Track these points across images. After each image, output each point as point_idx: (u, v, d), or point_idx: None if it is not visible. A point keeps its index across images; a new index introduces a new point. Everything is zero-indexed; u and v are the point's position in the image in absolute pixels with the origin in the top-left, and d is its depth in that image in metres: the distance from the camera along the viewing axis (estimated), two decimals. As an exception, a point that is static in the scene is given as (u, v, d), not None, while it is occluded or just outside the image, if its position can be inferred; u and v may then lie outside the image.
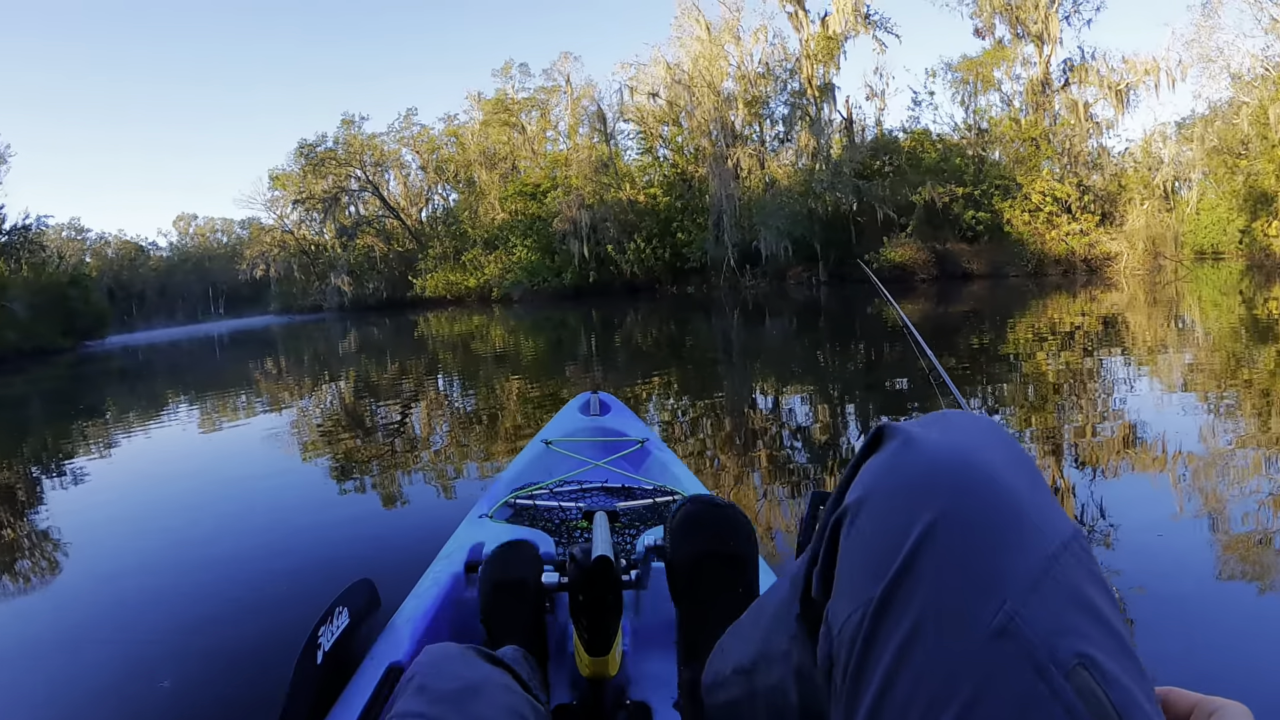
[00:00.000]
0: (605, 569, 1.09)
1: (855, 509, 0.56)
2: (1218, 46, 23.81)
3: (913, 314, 14.82)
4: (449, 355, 13.04)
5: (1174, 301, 15.16)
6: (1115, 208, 24.11)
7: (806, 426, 5.10)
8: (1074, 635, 0.46)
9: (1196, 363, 7.12)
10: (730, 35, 28.14)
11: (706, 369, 8.56)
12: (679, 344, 11.88)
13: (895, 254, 23.98)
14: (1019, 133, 24.97)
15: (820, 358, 9.11)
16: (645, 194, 27.55)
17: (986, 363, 7.70)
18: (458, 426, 5.98)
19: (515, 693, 0.89)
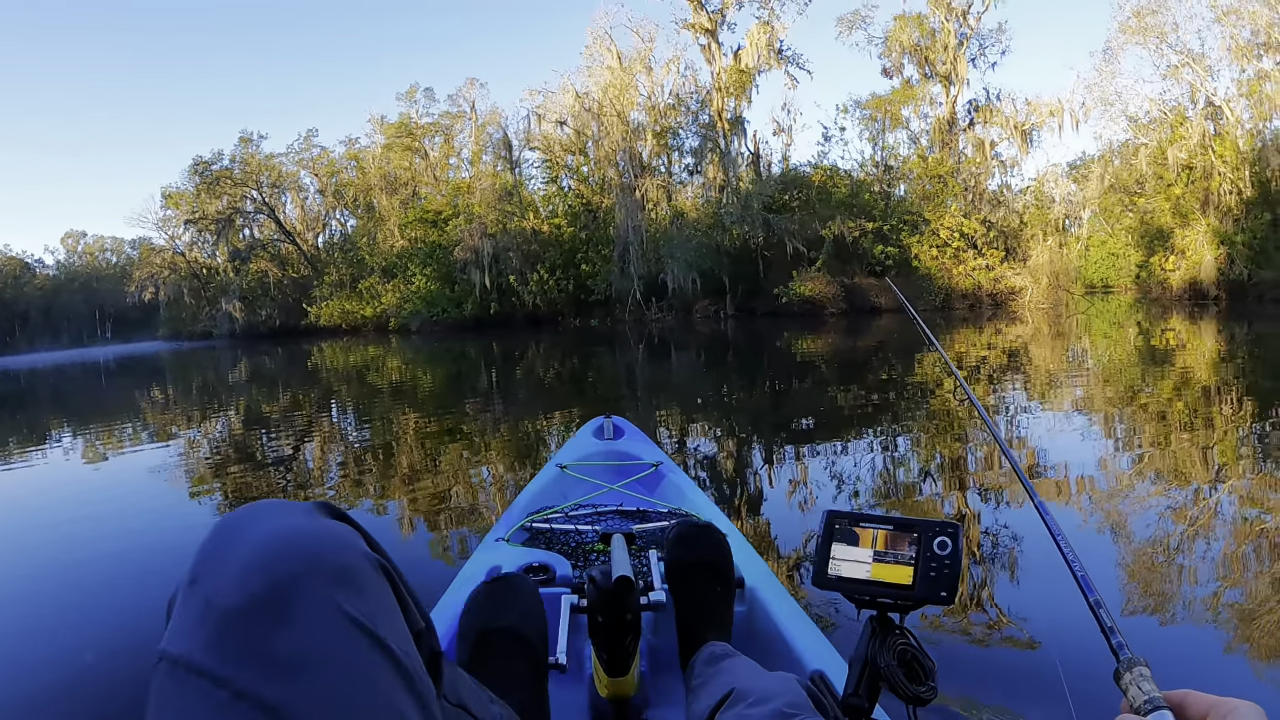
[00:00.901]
0: (626, 590, 1.12)
1: None
2: (1116, 91, 24.45)
3: (823, 348, 15.01)
4: (344, 387, 12.37)
5: (1076, 334, 15.72)
6: (1019, 243, 24.29)
7: (712, 457, 5.05)
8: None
9: (1097, 392, 7.51)
10: (642, 65, 27.60)
11: (610, 405, 8.23)
12: (582, 379, 11.62)
13: (805, 287, 23.53)
14: (926, 170, 25.03)
15: (728, 393, 8.99)
16: (549, 224, 26.58)
17: (896, 395, 7.86)
18: (352, 461, 5.71)
19: (351, 574, 0.55)
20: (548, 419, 7.37)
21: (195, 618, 0.51)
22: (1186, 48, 24.04)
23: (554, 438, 6.27)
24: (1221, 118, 23.71)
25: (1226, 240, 23.36)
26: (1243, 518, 3.37)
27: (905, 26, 26.08)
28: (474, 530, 3.66)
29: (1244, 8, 23.44)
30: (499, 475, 4.98)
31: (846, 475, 4.52)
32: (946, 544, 0.94)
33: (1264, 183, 23.54)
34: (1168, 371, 8.85)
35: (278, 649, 0.49)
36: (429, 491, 4.57)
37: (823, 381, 9.58)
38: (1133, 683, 0.65)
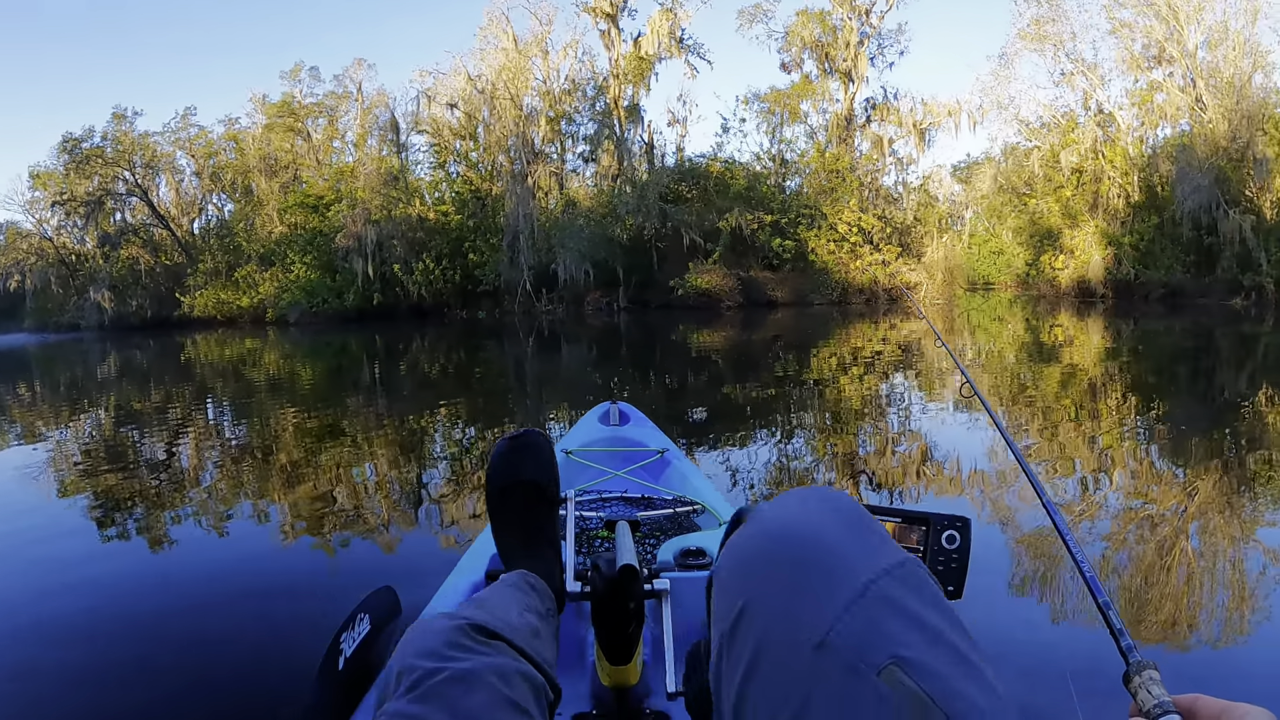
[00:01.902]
0: (630, 578, 1.10)
1: (715, 577, 0.75)
2: (1010, 95, 24.79)
3: (719, 341, 14.99)
4: (219, 383, 11.56)
5: (970, 328, 16.32)
6: (914, 240, 24.21)
7: None
8: (888, 641, 0.57)
9: (987, 383, 7.75)
10: (539, 49, 26.53)
11: (497, 399, 8.33)
12: (468, 372, 11.38)
13: (701, 280, 22.87)
14: (824, 165, 24.74)
15: (619, 386, 8.83)
16: (436, 211, 25.21)
17: (791, 388, 7.90)
18: (230, 463, 5.40)
19: (512, 678, 0.84)
20: (432, 415, 7.20)
21: (403, 686, 0.79)
22: (1081, 57, 24.76)
23: (439, 434, 6.23)
24: (1112, 125, 24.30)
25: (1114, 241, 23.78)
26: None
27: (807, 22, 25.79)
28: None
29: (1138, 22, 24.17)
30: (383, 473, 4.83)
31: (748, 467, 4.52)
32: (955, 538, 0.93)
33: (1151, 187, 24.16)
34: (1076, 364, 9.34)
35: (465, 705, 0.77)
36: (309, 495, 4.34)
37: (718, 375, 9.57)
38: (1142, 686, 0.64)
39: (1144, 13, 23.58)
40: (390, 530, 3.69)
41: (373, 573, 3.04)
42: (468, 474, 4.68)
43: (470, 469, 4.82)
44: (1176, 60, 23.85)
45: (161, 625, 2.62)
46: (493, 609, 0.98)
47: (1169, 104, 23.72)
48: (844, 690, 0.55)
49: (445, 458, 5.36)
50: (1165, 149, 24.13)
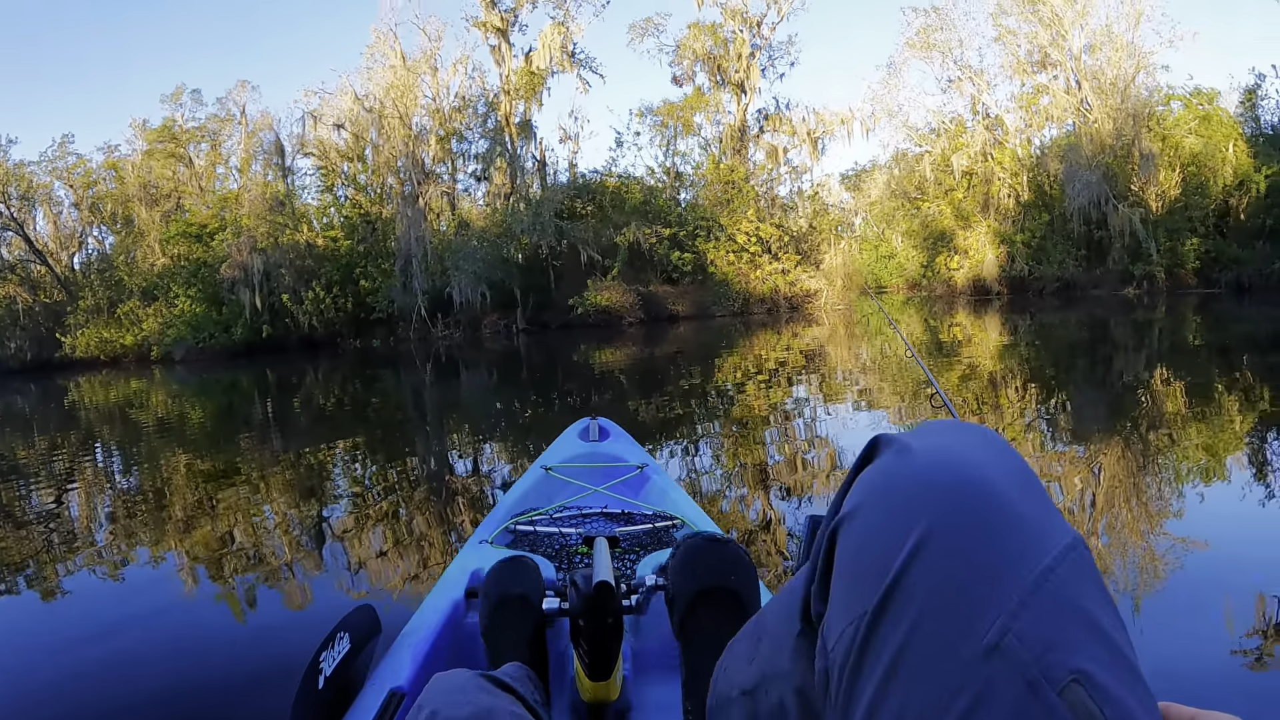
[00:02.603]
0: (607, 595, 1.11)
1: (849, 521, 0.56)
2: (899, 103, 25.09)
3: (622, 359, 14.76)
4: (106, 428, 10.96)
5: (871, 332, 16.75)
6: (811, 247, 24.21)
7: (512, 483, 4.51)
8: (1069, 650, 0.47)
9: (891, 385, 8.03)
10: (427, 66, 25.83)
11: (396, 430, 8.17)
12: (365, 405, 11.08)
13: (600, 297, 22.43)
14: (719, 176, 24.59)
15: (521, 410, 8.89)
16: (325, 237, 24.29)
17: (697, 401, 7.93)
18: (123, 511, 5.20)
19: (523, 718, 0.89)
20: (330, 450, 6.99)
21: None
22: (968, 63, 25.25)
23: (338, 470, 6.08)
24: (1000, 128, 24.82)
25: (1007, 240, 24.18)
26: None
27: (699, 35, 25.66)
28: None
29: (1022, 28, 24.73)
30: (283, 514, 4.68)
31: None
32: None
33: (1041, 186, 24.67)
34: (984, 359, 9.70)
35: None
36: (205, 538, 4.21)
37: (623, 392, 9.54)
38: None
39: (1029, 19, 24.14)
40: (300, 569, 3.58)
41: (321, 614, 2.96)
42: (368, 509, 4.62)
43: (373, 501, 4.80)
44: (1061, 64, 24.45)
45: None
46: (505, 672, 1.02)
47: (1055, 106, 24.31)
48: (1019, 708, 0.45)
49: (347, 495, 5.21)
50: (1053, 149, 24.69)
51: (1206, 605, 2.55)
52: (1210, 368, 9.16)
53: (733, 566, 1.22)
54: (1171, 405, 6.38)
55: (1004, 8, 24.47)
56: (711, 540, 1.25)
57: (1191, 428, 5.39)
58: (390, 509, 4.56)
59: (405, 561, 3.59)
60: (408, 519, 4.34)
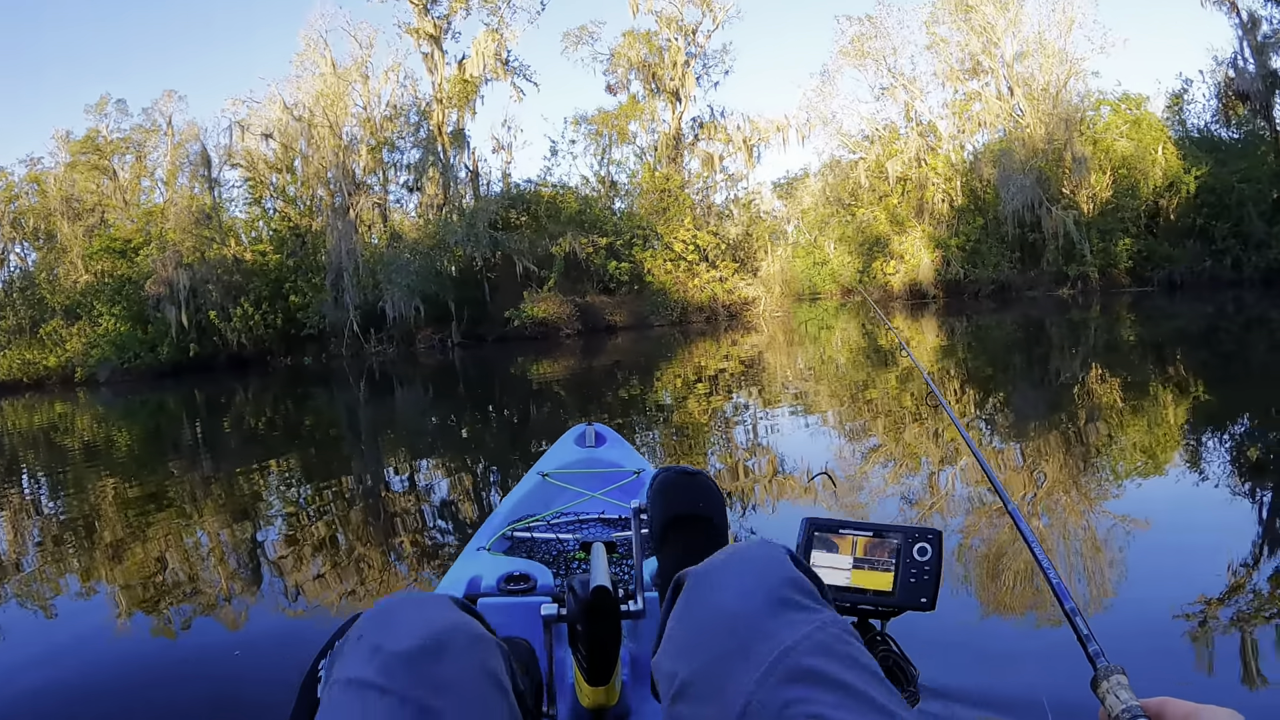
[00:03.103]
0: (604, 599, 1.11)
1: (657, 654, 0.83)
2: (832, 111, 25.28)
3: (560, 371, 14.69)
4: (31, 455, 10.58)
5: (810, 337, 17.09)
6: (748, 255, 24.14)
7: (452, 501, 4.91)
8: (804, 704, 0.64)
9: (832, 391, 8.28)
10: (358, 73, 25.32)
11: (331, 449, 8.07)
12: (297, 424, 10.95)
13: (537, 309, 22.09)
14: (655, 184, 24.41)
15: (459, 425, 8.81)
16: (253, 251, 23.66)
17: (637, 412, 7.99)
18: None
19: (488, 644, 0.80)
20: (262, 471, 6.93)
21: (365, 657, 0.70)
22: (901, 71, 25.47)
23: (274, 493, 5.97)
24: (932, 134, 25.07)
25: (942, 244, 24.38)
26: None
27: (634, 43, 25.52)
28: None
29: (953, 37, 25.04)
30: (218, 541, 4.54)
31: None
32: (927, 550, 0.95)
33: (975, 191, 24.90)
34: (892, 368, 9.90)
35: (435, 673, 0.69)
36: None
37: (563, 406, 9.55)
38: (1110, 691, 0.65)
39: (961, 28, 24.39)
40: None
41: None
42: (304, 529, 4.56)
43: (307, 523, 4.74)
44: (993, 71, 24.75)
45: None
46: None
47: (987, 112, 24.64)
48: None
49: (281, 517, 5.12)
50: (986, 154, 24.98)
51: (1147, 578, 2.76)
52: (1144, 362, 9.61)
53: (702, 494, 1.33)
54: (1107, 399, 6.71)
55: (937, 16, 24.77)
56: (683, 472, 1.35)
57: (1127, 419, 5.76)
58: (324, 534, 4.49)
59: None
60: (344, 545, 4.24)
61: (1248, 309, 16.94)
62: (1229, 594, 2.58)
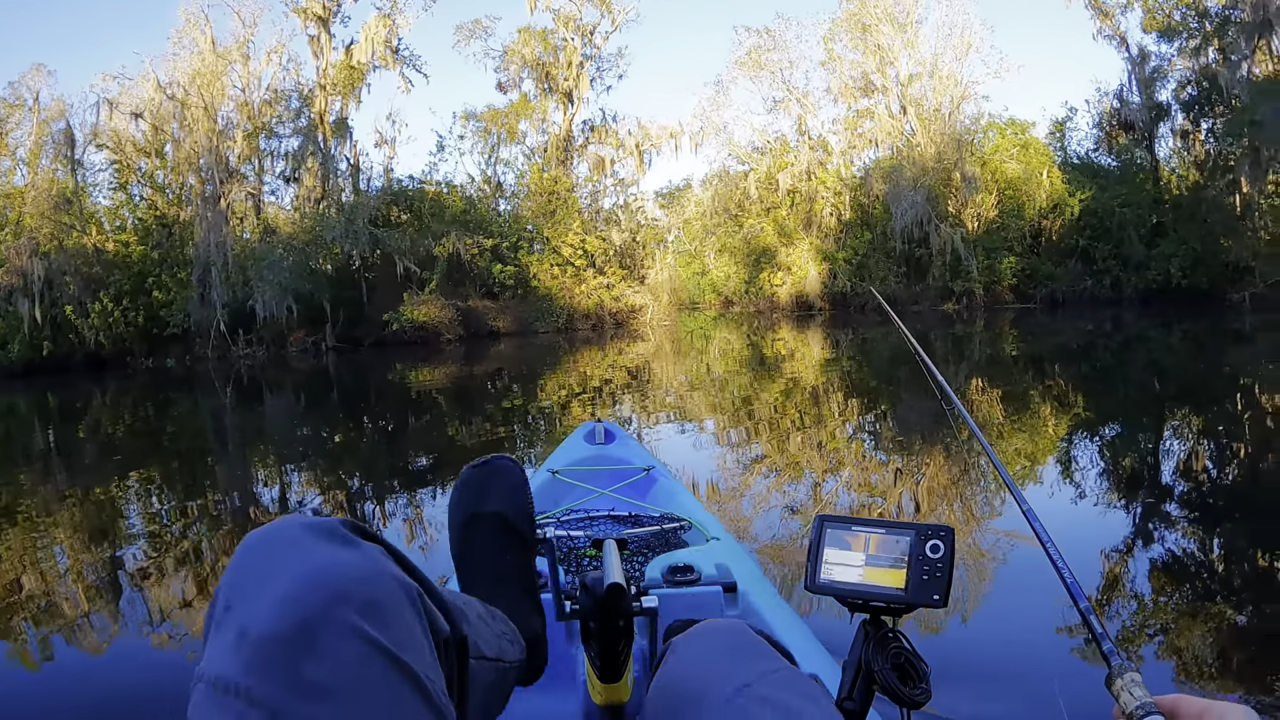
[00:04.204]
0: (618, 596, 1.11)
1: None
2: (724, 121, 25.56)
3: (440, 378, 14.30)
4: None
5: (697, 347, 17.19)
6: (635, 262, 23.94)
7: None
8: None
9: (714, 399, 8.44)
10: (239, 53, 24.05)
11: (194, 462, 7.65)
12: (159, 433, 10.29)
13: (417, 312, 21.39)
14: (543, 186, 23.90)
15: (331, 436, 8.58)
16: (116, 241, 22.35)
17: (519, 423, 7.98)
18: None
19: (377, 603, 0.61)
20: (121, 485, 6.53)
21: (232, 644, 0.57)
22: (795, 85, 25.57)
23: (133, 507, 5.69)
24: (821, 150, 25.25)
25: (829, 257, 24.56)
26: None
27: (529, 40, 24.92)
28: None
29: (848, 56, 25.27)
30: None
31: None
32: (939, 547, 0.96)
33: (864, 206, 25.13)
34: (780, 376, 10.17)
35: (307, 675, 0.55)
36: None
37: (443, 415, 9.34)
38: (1124, 688, 0.66)
39: (857, 46, 24.62)
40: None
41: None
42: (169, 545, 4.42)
43: (171, 541, 4.57)
44: (889, 90, 25.01)
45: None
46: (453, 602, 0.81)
47: (879, 129, 24.91)
48: None
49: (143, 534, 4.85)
50: (876, 170, 25.25)
51: (1030, 588, 2.81)
52: (1025, 375, 10.28)
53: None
54: (989, 410, 7.07)
55: (835, 33, 24.88)
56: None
57: (1009, 429, 6.14)
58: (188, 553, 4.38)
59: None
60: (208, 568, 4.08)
61: (1126, 327, 17.84)
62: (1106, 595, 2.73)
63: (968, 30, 24.39)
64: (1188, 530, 3.58)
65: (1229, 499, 4.23)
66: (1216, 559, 3.09)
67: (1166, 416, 6.97)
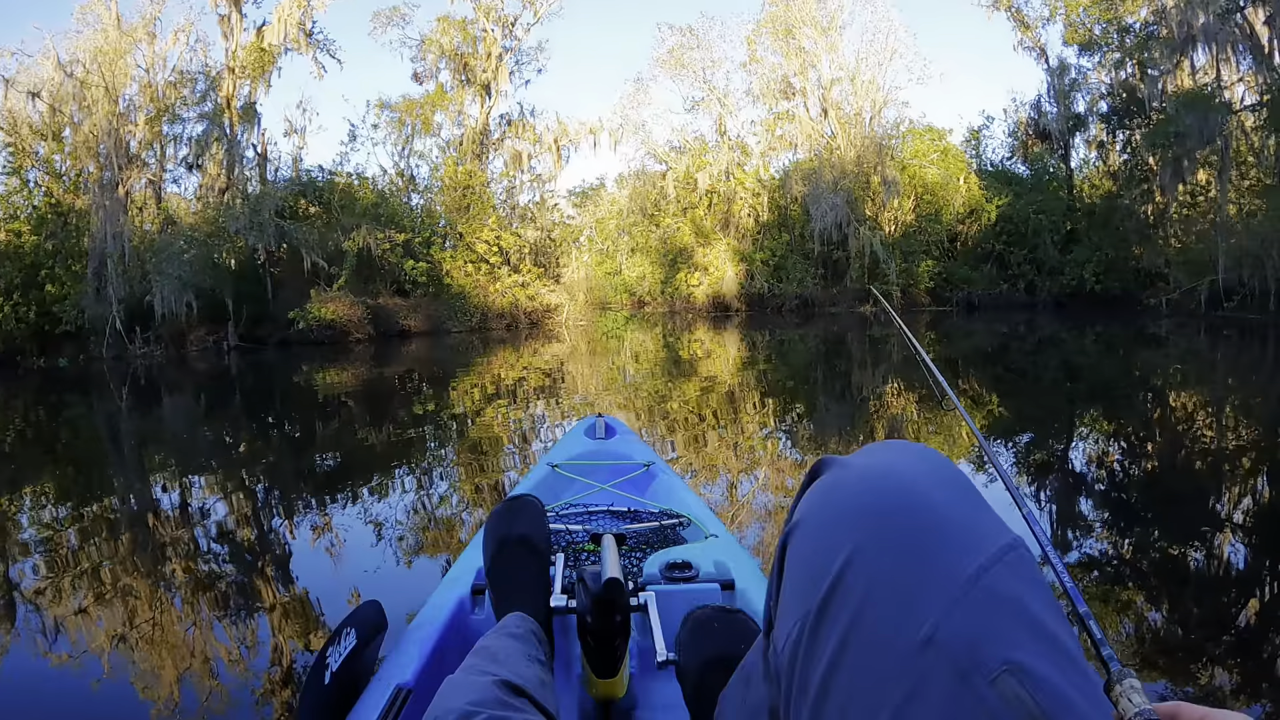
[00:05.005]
0: (616, 591, 1.15)
1: (795, 532, 0.65)
2: (643, 119, 25.76)
3: (349, 380, 13.94)
4: None
5: (614, 348, 17.23)
6: (550, 261, 23.73)
7: (232, 533, 4.66)
8: (1002, 643, 0.53)
9: (624, 399, 8.45)
10: (145, 31, 23.07)
11: (91, 471, 7.40)
12: (51, 439, 9.76)
13: (325, 310, 20.75)
14: (458, 180, 23.45)
15: (236, 442, 8.36)
16: (7, 230, 21.41)
17: (432, 427, 7.94)
18: None
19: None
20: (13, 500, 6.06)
21: None
22: (716, 85, 25.61)
23: (28, 531, 5.21)
24: (740, 151, 25.28)
25: (746, 258, 24.64)
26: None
27: (448, 29, 24.34)
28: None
29: (769, 59, 25.21)
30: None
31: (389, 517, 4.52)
32: None
33: (782, 208, 25.22)
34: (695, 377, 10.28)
35: None
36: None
37: (352, 419, 9.23)
38: (1123, 695, 0.63)
39: (779, 49, 24.60)
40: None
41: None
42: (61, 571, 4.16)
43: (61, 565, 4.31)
44: (810, 93, 25.10)
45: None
46: (512, 666, 1.02)
47: (799, 131, 24.96)
48: (951, 697, 0.51)
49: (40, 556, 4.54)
50: (796, 171, 25.34)
51: None
52: (944, 375, 10.42)
53: (741, 636, 1.24)
54: (900, 409, 7.29)
55: (759, 34, 24.78)
56: (721, 611, 1.29)
57: (921, 428, 6.27)
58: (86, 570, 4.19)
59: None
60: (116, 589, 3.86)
61: (1039, 329, 18.50)
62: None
63: (892, 36, 24.56)
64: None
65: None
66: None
67: (1084, 418, 7.42)
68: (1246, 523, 3.99)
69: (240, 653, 2.86)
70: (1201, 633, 2.45)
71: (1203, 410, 7.90)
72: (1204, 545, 3.62)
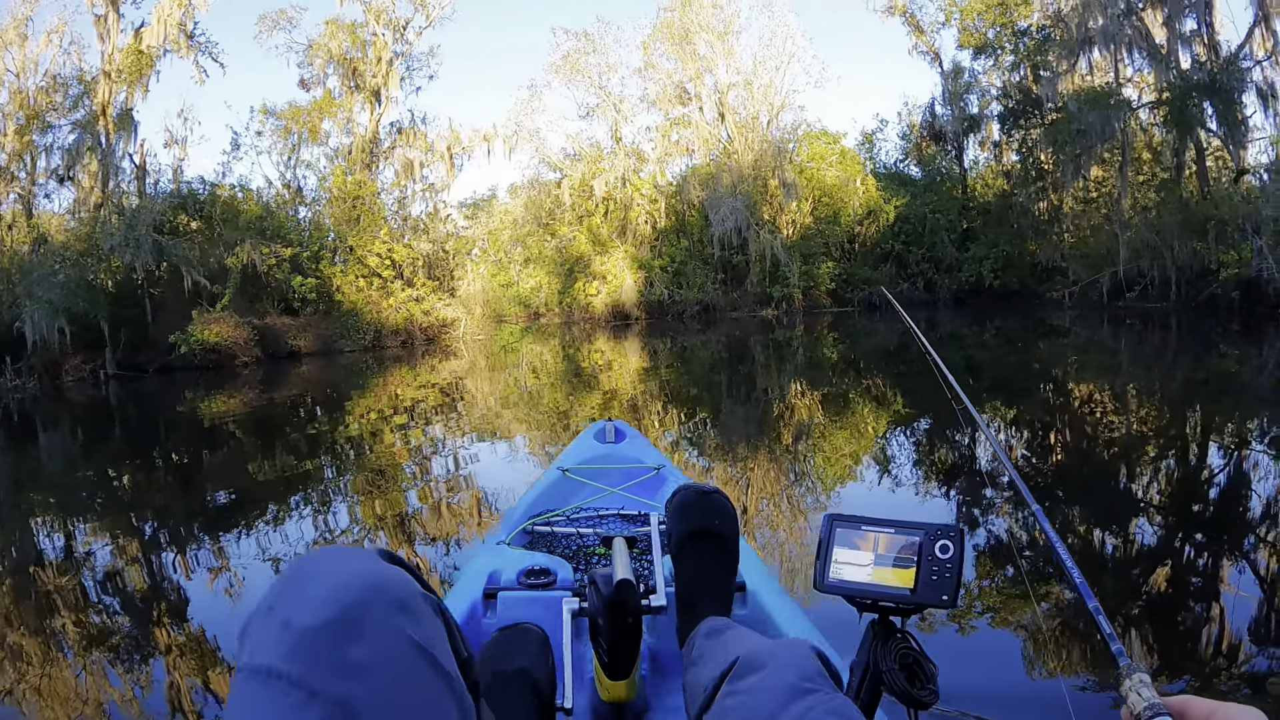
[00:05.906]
0: (628, 593, 1.16)
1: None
2: (536, 126, 26.09)
3: (236, 407, 13.57)
4: None
5: (513, 363, 17.30)
6: (446, 273, 23.40)
7: (122, 576, 4.50)
8: None
9: (529, 415, 8.59)
10: (16, 33, 21.95)
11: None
12: None
13: (208, 332, 19.66)
14: (347, 191, 22.85)
15: (118, 478, 8.13)
16: None
17: (328, 453, 7.77)
18: None
19: (414, 608, 0.68)
20: None
21: (274, 636, 0.61)
22: (611, 91, 25.41)
23: None
24: (635, 157, 25.15)
25: (645, 265, 24.61)
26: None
27: (336, 33, 23.45)
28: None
29: (664, 65, 25.02)
30: None
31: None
32: (949, 547, 0.96)
33: (680, 213, 25.23)
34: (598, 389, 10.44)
35: (349, 656, 0.60)
36: None
37: (241, 450, 8.97)
38: (1133, 689, 0.66)
39: (675, 54, 24.46)
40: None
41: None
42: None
43: None
44: (706, 98, 25.06)
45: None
46: None
47: (697, 136, 24.98)
48: None
49: None
50: (693, 176, 25.34)
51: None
52: (846, 375, 11.03)
53: (717, 512, 1.39)
54: (809, 411, 7.45)
55: (655, 39, 24.54)
56: (700, 491, 1.42)
57: (828, 428, 6.46)
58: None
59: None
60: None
61: (940, 326, 18.95)
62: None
63: (789, 40, 24.56)
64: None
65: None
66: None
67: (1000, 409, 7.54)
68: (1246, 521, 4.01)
69: (134, 693, 2.79)
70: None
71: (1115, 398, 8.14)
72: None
